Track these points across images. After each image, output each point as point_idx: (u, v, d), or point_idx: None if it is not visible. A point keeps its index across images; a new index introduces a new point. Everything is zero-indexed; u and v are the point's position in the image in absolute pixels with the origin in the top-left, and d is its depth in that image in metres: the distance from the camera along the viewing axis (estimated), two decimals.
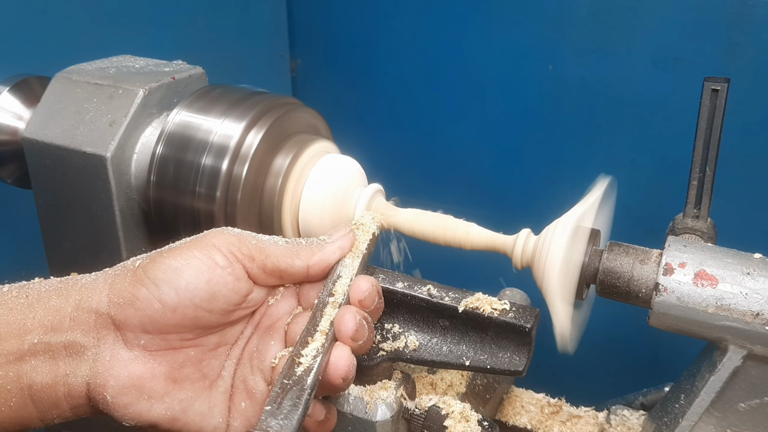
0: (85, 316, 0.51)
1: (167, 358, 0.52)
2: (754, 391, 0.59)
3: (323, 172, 0.69)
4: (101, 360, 0.50)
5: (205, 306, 0.52)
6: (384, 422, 0.58)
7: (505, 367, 0.57)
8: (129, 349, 0.51)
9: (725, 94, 0.66)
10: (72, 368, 0.50)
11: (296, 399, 0.49)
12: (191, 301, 0.51)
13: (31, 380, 0.49)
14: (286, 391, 0.49)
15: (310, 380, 0.50)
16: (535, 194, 1.37)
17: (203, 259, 0.52)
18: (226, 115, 0.69)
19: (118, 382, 0.50)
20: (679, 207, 0.71)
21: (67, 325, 0.50)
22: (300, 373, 0.50)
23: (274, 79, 1.56)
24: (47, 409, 0.50)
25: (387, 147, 1.49)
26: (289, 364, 0.51)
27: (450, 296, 0.58)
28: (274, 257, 0.54)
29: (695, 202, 0.69)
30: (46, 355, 0.50)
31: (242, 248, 0.53)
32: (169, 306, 0.50)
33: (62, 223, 0.78)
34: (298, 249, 0.56)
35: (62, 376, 0.50)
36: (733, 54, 1.16)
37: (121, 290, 0.51)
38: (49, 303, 0.51)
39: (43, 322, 0.50)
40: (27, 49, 1.00)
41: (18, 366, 0.49)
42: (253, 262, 0.53)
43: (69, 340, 0.50)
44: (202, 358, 0.54)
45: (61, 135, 0.74)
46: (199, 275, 0.51)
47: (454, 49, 1.40)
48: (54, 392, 0.50)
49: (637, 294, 0.59)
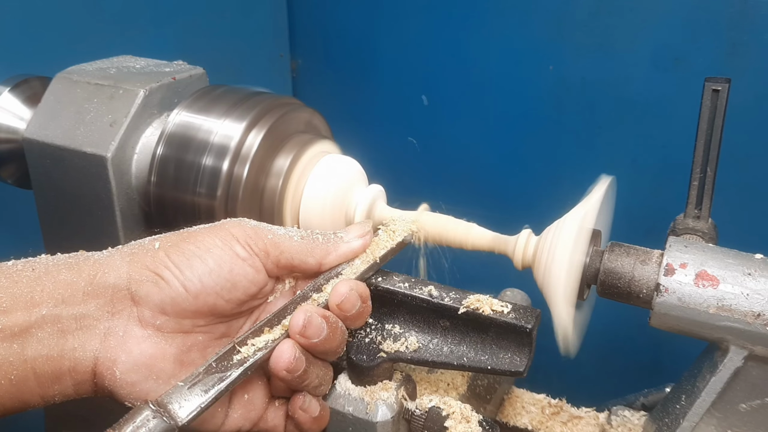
0: (102, 291, 0.51)
1: (177, 341, 0.53)
2: (755, 392, 0.59)
3: (324, 173, 0.69)
4: (114, 335, 0.50)
5: (225, 295, 0.53)
6: (384, 423, 0.58)
7: (506, 368, 0.57)
8: (143, 328, 0.51)
9: (726, 95, 0.65)
10: (81, 342, 0.50)
11: (210, 385, 0.49)
12: (213, 289, 0.52)
13: (36, 353, 0.49)
14: (208, 373, 0.49)
15: (236, 373, 0.50)
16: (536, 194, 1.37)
17: (224, 248, 0.53)
18: (227, 115, 0.69)
19: (129, 358, 0.50)
20: (680, 207, 0.71)
21: (80, 299, 0.50)
22: (234, 361, 0.50)
23: (274, 79, 1.56)
24: (49, 384, 0.50)
25: (387, 147, 1.49)
26: (228, 349, 0.51)
27: (451, 297, 0.58)
28: (288, 254, 0.55)
29: (696, 203, 0.69)
30: (54, 328, 0.49)
31: (258, 242, 0.54)
32: (192, 292, 0.51)
33: (62, 223, 0.78)
34: (312, 247, 0.57)
35: (69, 350, 0.49)
36: (733, 54, 1.16)
37: (143, 268, 0.51)
38: (59, 276, 0.51)
39: (53, 295, 0.50)
40: (27, 49, 0.99)
41: (23, 338, 0.48)
42: (267, 258, 0.55)
43: (81, 313, 0.50)
44: (207, 344, 0.55)
45: (61, 135, 0.74)
46: (222, 265, 0.52)
47: (454, 49, 1.40)
48: (59, 366, 0.49)
49: (638, 294, 0.59)
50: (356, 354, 0.59)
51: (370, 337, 0.59)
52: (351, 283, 0.55)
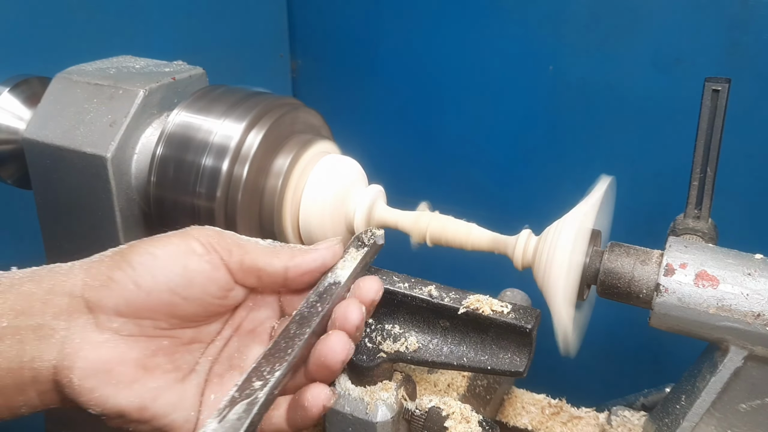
0: (58, 300, 0.50)
1: (139, 345, 0.52)
2: (755, 392, 0.59)
3: (324, 173, 0.69)
4: (70, 342, 0.50)
5: (181, 292, 0.52)
6: (384, 423, 0.58)
7: (506, 368, 0.56)
8: (100, 332, 0.50)
9: (726, 95, 0.65)
10: (39, 352, 0.49)
11: (242, 413, 0.47)
12: (167, 285, 0.51)
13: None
14: (234, 404, 0.48)
15: (262, 394, 0.49)
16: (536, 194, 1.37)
17: (180, 245, 0.52)
18: (227, 115, 0.69)
19: (85, 364, 0.49)
20: (679, 207, 0.71)
21: (37, 309, 0.50)
22: (256, 386, 0.49)
23: (274, 80, 1.56)
24: (13, 395, 0.49)
25: (387, 147, 1.49)
26: (246, 378, 0.50)
27: (450, 297, 0.58)
28: (254, 253, 0.54)
29: (696, 203, 0.69)
30: (13, 339, 0.49)
31: (221, 241, 0.54)
32: (144, 288, 0.50)
33: (62, 223, 0.78)
34: (277, 250, 0.56)
35: (28, 360, 0.49)
36: (733, 54, 1.16)
37: (97, 273, 0.51)
38: (21, 289, 0.50)
39: (14, 307, 0.49)
40: (27, 49, 0.99)
41: None
42: (231, 256, 0.53)
43: (38, 323, 0.49)
44: (175, 350, 0.54)
45: (61, 135, 0.74)
46: (175, 260, 0.51)
47: (454, 49, 1.40)
48: (20, 377, 0.49)
49: (637, 294, 0.59)
50: (356, 354, 0.58)
51: (369, 338, 0.59)
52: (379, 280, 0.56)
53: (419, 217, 0.67)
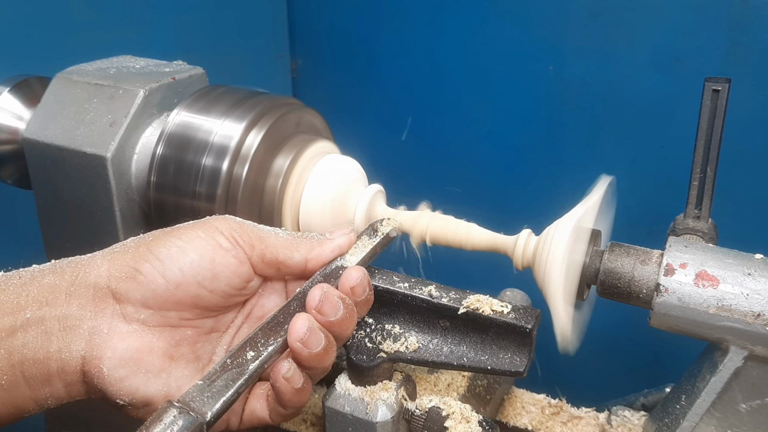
0: (83, 291, 0.51)
1: (165, 335, 0.52)
2: (755, 392, 0.59)
3: (324, 173, 0.69)
4: (98, 333, 0.50)
5: (207, 285, 0.52)
6: (384, 423, 0.58)
7: (506, 368, 0.56)
8: (127, 323, 0.51)
9: (726, 95, 0.65)
10: (66, 343, 0.50)
11: (230, 381, 0.49)
12: (195, 279, 0.52)
13: (22, 356, 0.49)
14: (225, 370, 0.49)
15: (253, 366, 0.50)
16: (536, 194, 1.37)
17: (207, 239, 0.53)
18: (227, 115, 0.69)
19: (115, 354, 0.50)
20: (679, 207, 0.71)
21: (62, 300, 0.50)
22: (248, 357, 0.50)
23: (274, 80, 1.56)
24: (39, 386, 0.50)
25: (387, 147, 1.49)
26: (240, 347, 0.51)
27: (450, 297, 0.58)
28: (274, 248, 0.55)
29: (696, 203, 0.69)
30: (38, 330, 0.49)
31: (243, 235, 0.54)
32: (173, 282, 0.51)
33: (62, 223, 0.78)
34: (297, 242, 0.56)
35: (55, 351, 0.49)
36: (733, 54, 1.16)
37: (123, 265, 0.51)
38: (43, 281, 0.51)
39: (38, 298, 0.50)
40: (27, 49, 1.00)
41: (9, 342, 0.48)
42: (253, 250, 0.54)
43: (64, 314, 0.50)
44: (197, 339, 0.55)
45: (61, 135, 0.74)
46: (203, 254, 0.52)
47: (454, 49, 1.40)
48: (46, 368, 0.49)
49: (638, 295, 0.59)
50: (356, 354, 0.58)
51: (369, 338, 0.59)
52: (360, 269, 0.56)
53: (419, 216, 0.67)
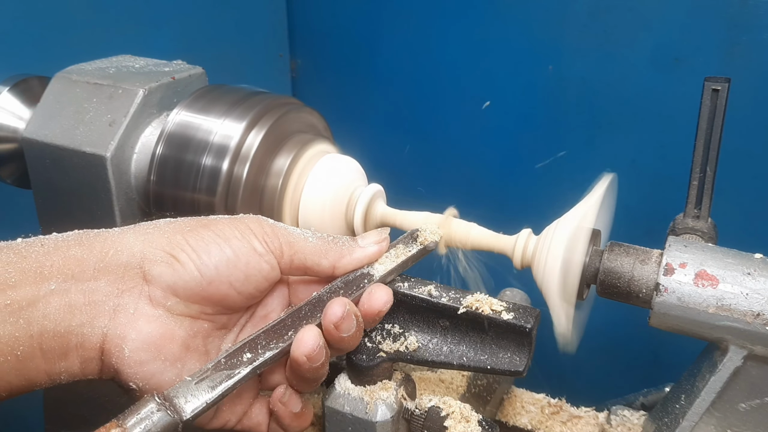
0: (113, 268, 0.50)
1: (185, 325, 0.52)
2: (755, 392, 0.59)
3: (323, 173, 0.69)
4: (124, 312, 0.50)
5: (237, 287, 0.53)
6: (384, 422, 0.58)
7: (506, 368, 0.56)
8: (153, 307, 0.51)
9: (726, 94, 0.65)
10: (89, 317, 0.49)
11: (217, 382, 0.48)
12: (228, 279, 0.52)
13: (42, 328, 0.48)
14: (217, 370, 0.49)
15: (245, 370, 0.49)
16: (535, 194, 1.37)
17: (243, 241, 0.53)
18: (227, 115, 0.69)
19: (139, 336, 0.50)
20: (679, 207, 0.71)
21: (90, 275, 0.49)
22: (244, 360, 0.50)
23: (274, 79, 1.56)
24: (55, 360, 0.49)
25: (387, 147, 1.49)
26: (239, 347, 0.51)
27: (450, 296, 0.58)
28: (302, 254, 0.55)
29: (696, 202, 0.69)
30: (61, 303, 0.48)
31: (275, 240, 0.54)
32: (207, 277, 0.51)
33: (62, 223, 0.77)
34: (327, 249, 0.56)
35: (77, 326, 0.49)
36: (733, 54, 1.16)
37: (159, 249, 0.51)
38: (69, 252, 0.50)
39: (63, 270, 0.49)
40: (27, 49, 0.99)
41: (29, 312, 0.47)
42: (282, 255, 0.55)
43: (90, 288, 0.49)
44: (209, 333, 0.55)
45: (60, 135, 0.74)
46: (240, 256, 0.52)
47: (454, 48, 1.40)
48: (65, 342, 0.48)
49: (637, 294, 0.59)
50: (356, 354, 0.58)
51: (369, 337, 0.59)
52: (388, 292, 0.56)
53: (418, 216, 0.67)
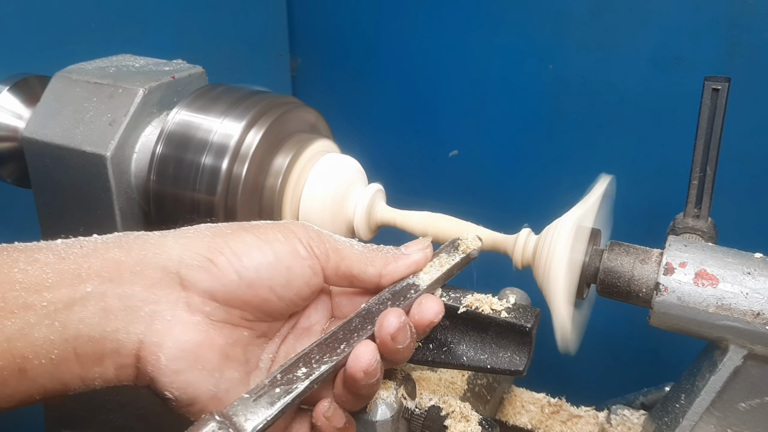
0: (150, 272, 0.48)
1: (225, 332, 0.50)
2: (755, 391, 0.59)
3: (323, 172, 0.69)
4: (160, 318, 0.48)
5: (278, 291, 0.51)
6: (384, 422, 0.58)
7: (506, 367, 0.56)
8: (191, 313, 0.49)
9: (726, 94, 0.65)
10: (125, 323, 0.47)
11: (276, 398, 0.47)
12: (268, 282, 0.50)
13: (77, 332, 0.46)
14: (273, 386, 0.48)
15: (302, 385, 0.48)
16: (535, 194, 1.37)
17: (286, 245, 0.51)
18: (226, 114, 0.69)
19: (176, 344, 0.48)
20: (679, 206, 0.71)
21: (127, 278, 0.48)
22: (299, 374, 0.49)
23: (274, 79, 1.56)
24: (90, 365, 0.47)
25: (387, 147, 1.49)
26: (294, 362, 0.50)
27: (450, 296, 0.58)
28: (348, 261, 0.53)
29: (696, 202, 0.69)
30: (97, 307, 0.47)
31: (320, 245, 0.53)
32: (246, 281, 0.49)
33: (62, 223, 0.78)
34: (372, 256, 0.55)
35: (112, 331, 0.47)
36: (733, 54, 1.16)
37: (196, 253, 0.49)
38: (107, 254, 0.48)
39: (100, 273, 0.47)
40: (27, 48, 0.99)
41: (65, 315, 0.46)
42: (328, 262, 0.53)
43: (127, 293, 0.47)
44: (249, 342, 0.52)
45: (60, 134, 0.74)
46: (281, 259, 0.50)
47: (454, 48, 1.40)
48: (101, 347, 0.47)
49: (637, 293, 0.59)
50: None
51: None
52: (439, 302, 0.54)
53: (417, 215, 0.67)
